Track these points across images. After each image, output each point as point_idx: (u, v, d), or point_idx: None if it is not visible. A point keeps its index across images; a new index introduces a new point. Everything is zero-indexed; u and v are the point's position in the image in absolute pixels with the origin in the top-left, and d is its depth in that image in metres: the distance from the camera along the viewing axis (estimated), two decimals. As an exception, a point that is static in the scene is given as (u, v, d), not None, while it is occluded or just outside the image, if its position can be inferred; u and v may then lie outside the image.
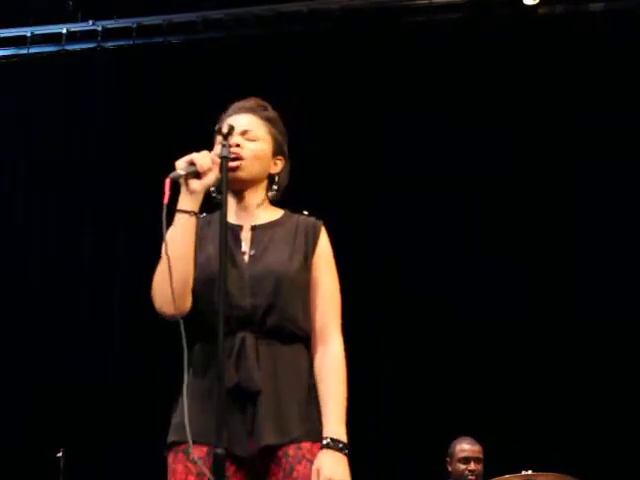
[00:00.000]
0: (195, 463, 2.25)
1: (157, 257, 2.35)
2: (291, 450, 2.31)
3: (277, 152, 2.59)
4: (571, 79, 5.69)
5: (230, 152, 2.38)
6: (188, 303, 2.37)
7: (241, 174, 2.48)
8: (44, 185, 6.24)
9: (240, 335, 2.36)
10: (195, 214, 2.37)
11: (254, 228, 2.51)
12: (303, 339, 2.45)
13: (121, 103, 6.19)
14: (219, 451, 2.00)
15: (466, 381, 5.49)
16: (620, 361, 5.39)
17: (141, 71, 6.18)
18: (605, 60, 5.64)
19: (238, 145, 2.49)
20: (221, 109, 2.67)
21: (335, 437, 2.32)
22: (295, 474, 2.29)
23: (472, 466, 4.93)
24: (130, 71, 6.21)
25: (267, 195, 2.58)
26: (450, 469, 5.02)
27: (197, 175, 2.35)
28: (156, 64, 6.13)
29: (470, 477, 4.92)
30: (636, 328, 5.41)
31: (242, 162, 2.48)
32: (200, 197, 2.38)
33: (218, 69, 5.95)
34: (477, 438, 5.03)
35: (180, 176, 2.33)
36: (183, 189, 2.36)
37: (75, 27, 6.18)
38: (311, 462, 2.30)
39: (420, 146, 5.79)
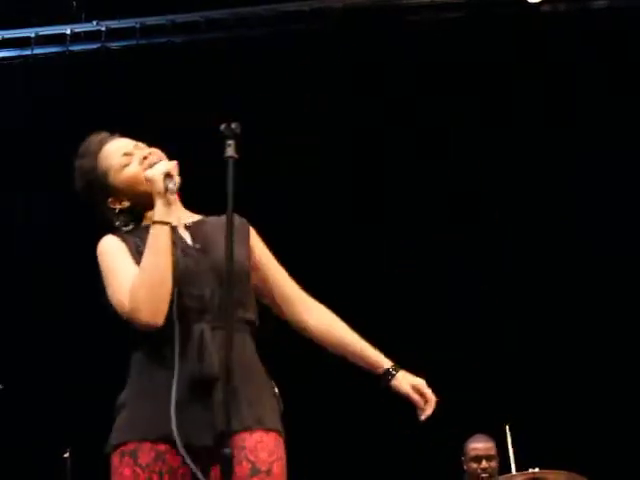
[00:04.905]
0: (143, 469, 2.29)
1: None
2: (247, 441, 2.28)
3: None
4: (573, 77, 5.69)
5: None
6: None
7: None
8: (45, 185, 6.25)
9: (198, 326, 2.32)
10: (168, 223, 2.38)
11: (187, 227, 2.53)
12: (250, 325, 2.44)
13: (124, 103, 6.19)
14: (227, 450, 1.99)
15: (475, 379, 5.49)
16: (629, 359, 5.40)
17: (145, 71, 6.18)
18: (609, 57, 5.64)
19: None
20: (224, 109, 2.66)
21: (391, 364, 2.63)
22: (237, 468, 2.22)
23: (484, 464, 4.91)
24: (134, 71, 6.21)
25: None
26: (465, 468, 5.01)
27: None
28: (160, 64, 6.14)
29: (483, 475, 4.90)
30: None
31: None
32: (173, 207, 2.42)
33: (222, 69, 5.95)
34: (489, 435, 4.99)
35: (172, 191, 2.38)
36: (162, 200, 2.38)
37: (79, 28, 6.18)
38: (251, 462, 2.26)
39: (420, 145, 5.80)
